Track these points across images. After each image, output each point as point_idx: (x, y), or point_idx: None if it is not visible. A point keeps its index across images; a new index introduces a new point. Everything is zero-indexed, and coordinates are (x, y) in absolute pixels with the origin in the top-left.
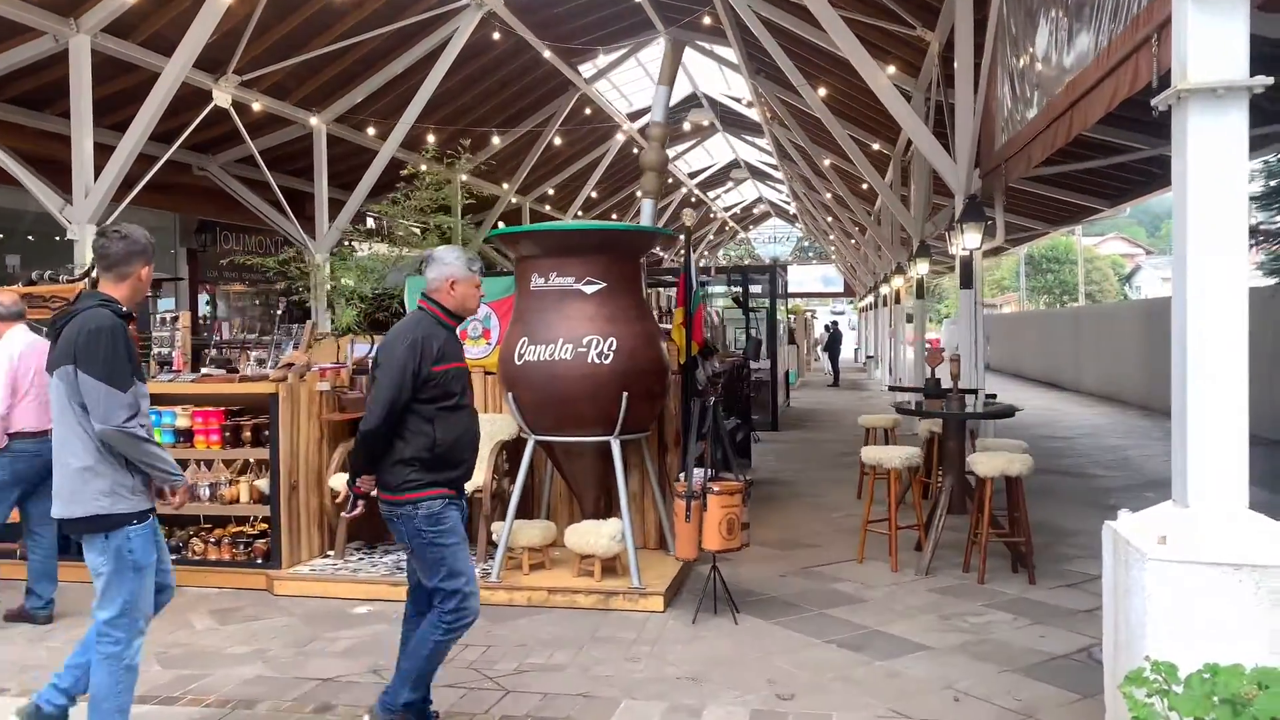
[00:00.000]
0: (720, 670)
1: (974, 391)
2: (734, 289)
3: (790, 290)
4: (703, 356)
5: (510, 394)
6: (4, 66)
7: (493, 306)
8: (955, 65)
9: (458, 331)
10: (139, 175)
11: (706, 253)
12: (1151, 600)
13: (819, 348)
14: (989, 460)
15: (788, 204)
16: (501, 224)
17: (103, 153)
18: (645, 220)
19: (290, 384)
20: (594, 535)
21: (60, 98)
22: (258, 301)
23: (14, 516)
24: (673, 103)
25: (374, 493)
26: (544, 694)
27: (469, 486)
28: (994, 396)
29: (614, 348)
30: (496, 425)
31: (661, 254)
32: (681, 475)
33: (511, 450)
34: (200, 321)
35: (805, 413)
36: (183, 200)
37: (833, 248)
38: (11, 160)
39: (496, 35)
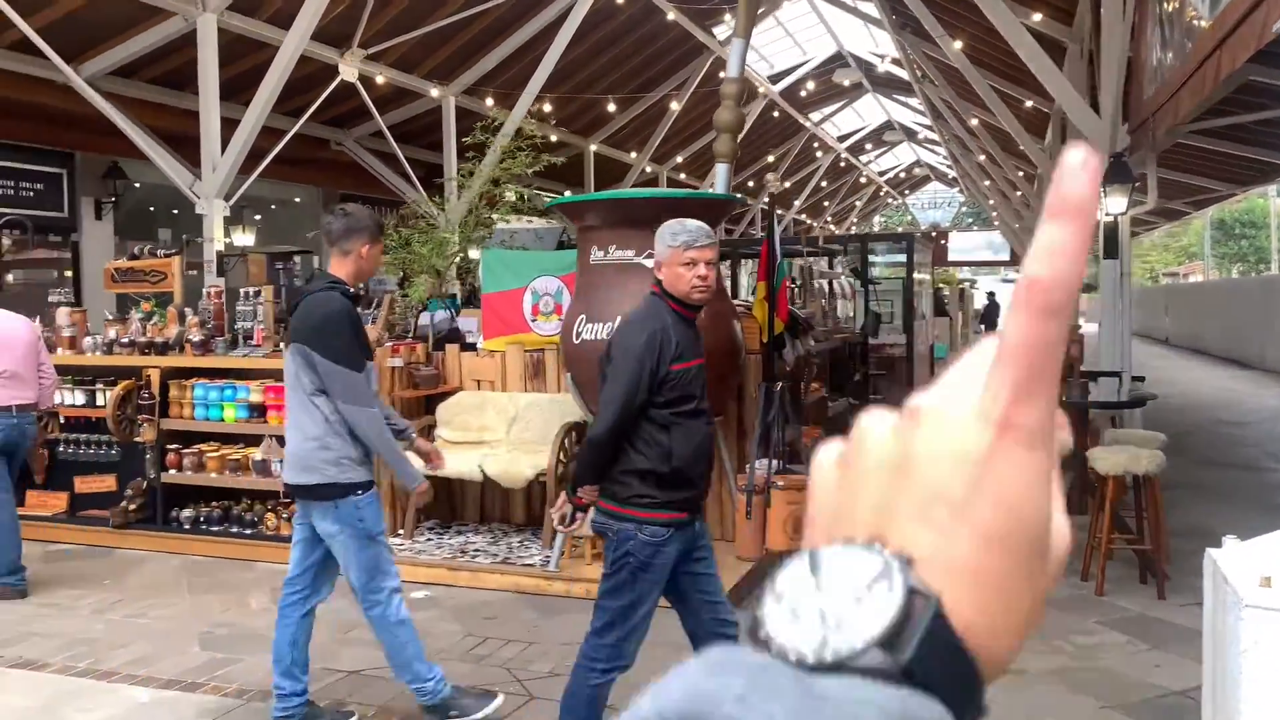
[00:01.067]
0: None
1: (1114, 375)
2: (849, 259)
3: (952, 259)
4: (791, 334)
5: (569, 374)
6: (142, 48)
7: (565, 280)
8: (1102, 10)
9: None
10: (271, 150)
11: (855, 220)
12: (1247, 658)
13: (976, 319)
14: (1111, 456)
15: (948, 167)
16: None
17: (234, 129)
18: (719, 187)
19: None
20: None
21: (197, 78)
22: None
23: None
24: (817, 62)
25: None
26: None
27: (532, 471)
28: (1141, 379)
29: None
30: (566, 406)
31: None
32: (753, 466)
33: (582, 433)
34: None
35: None
36: (323, 174)
37: (994, 213)
38: (145, 138)
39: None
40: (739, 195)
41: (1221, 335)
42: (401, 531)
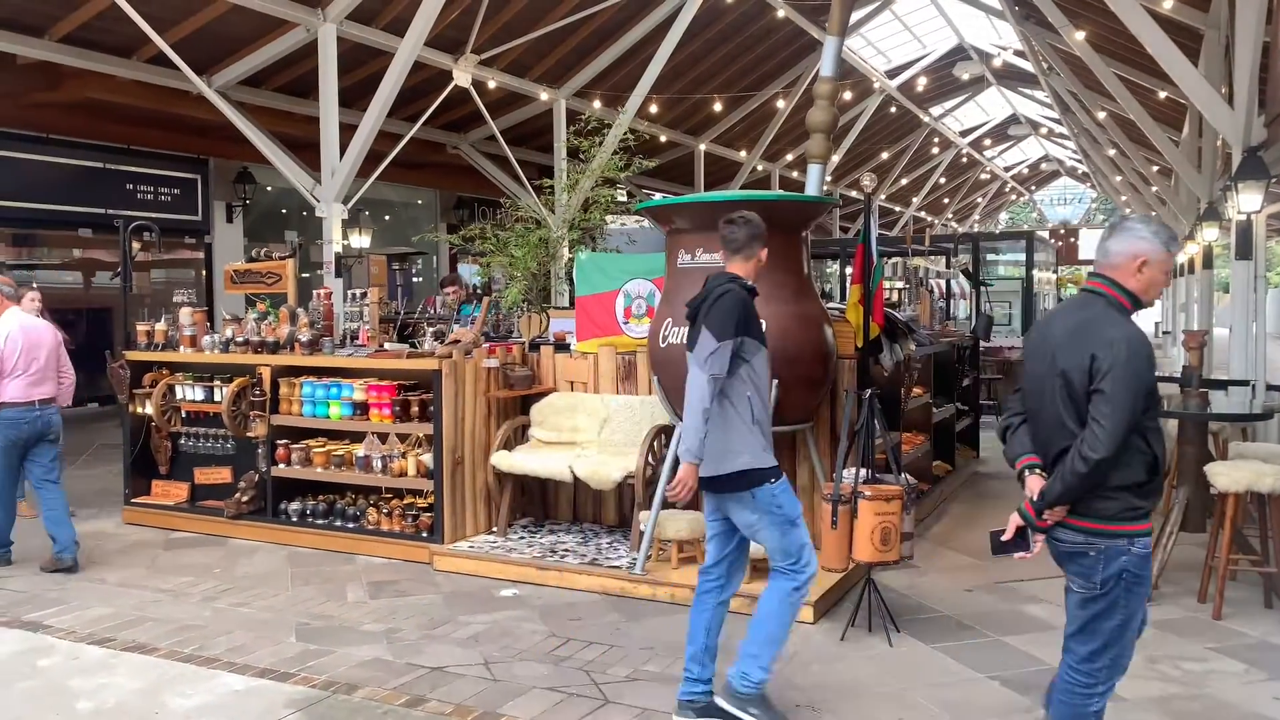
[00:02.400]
0: (847, 701)
1: (1244, 384)
2: (961, 260)
3: (1083, 258)
4: (889, 339)
5: (656, 378)
6: (268, 58)
7: (657, 283)
8: None
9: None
10: (389, 154)
11: (979, 217)
12: None
13: None
14: (1230, 472)
15: (1078, 162)
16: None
17: (353, 134)
18: (811, 188)
19: (455, 361)
20: None
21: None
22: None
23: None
24: (937, 56)
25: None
26: (641, 709)
27: (620, 473)
28: (1278, 389)
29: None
30: (656, 409)
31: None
32: (845, 475)
33: (670, 436)
34: (470, 292)
35: None
36: (440, 177)
37: (1127, 209)
38: (269, 144)
39: None
40: (833, 196)
41: None
42: (495, 529)
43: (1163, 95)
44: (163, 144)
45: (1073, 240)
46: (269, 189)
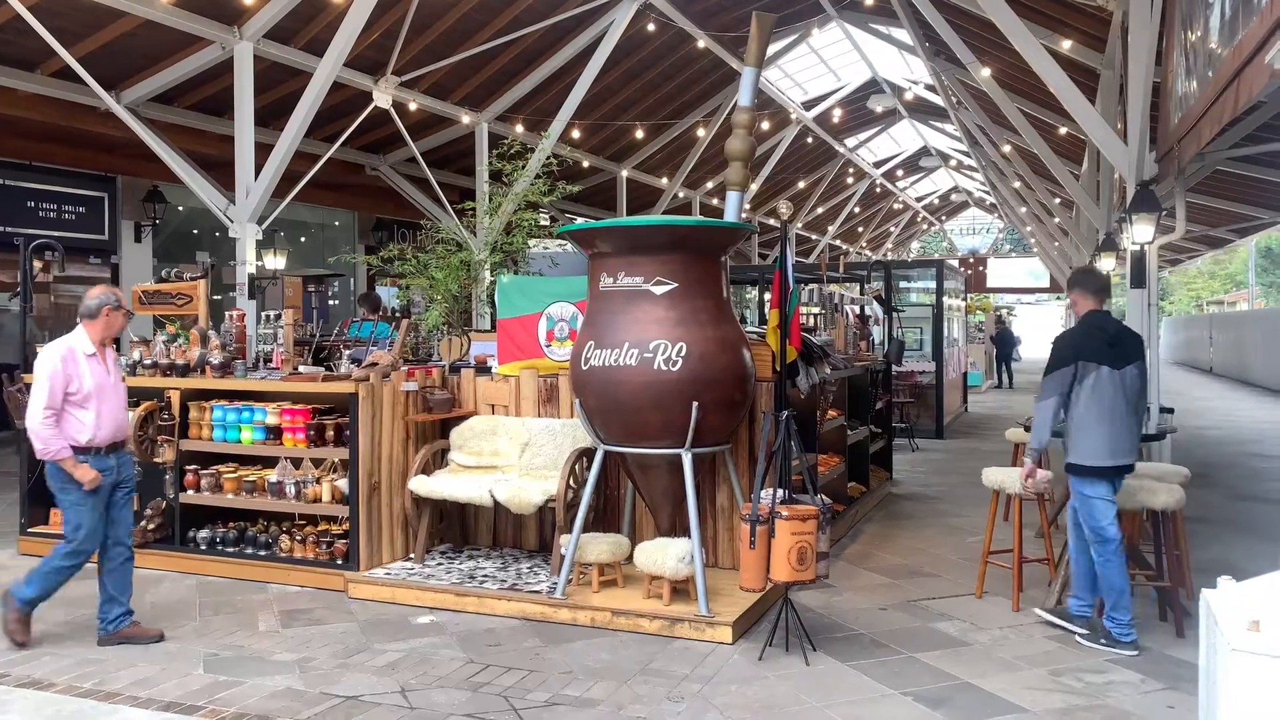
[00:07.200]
0: None
1: None
2: (873, 285)
3: (991, 285)
4: (805, 362)
5: (578, 400)
6: (181, 75)
7: (580, 306)
8: (1129, 37)
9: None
10: (307, 174)
11: (891, 246)
12: (1233, 703)
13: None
14: (1125, 490)
15: (986, 193)
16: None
17: (270, 154)
18: (729, 215)
19: (372, 384)
20: (661, 555)
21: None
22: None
23: None
24: (852, 88)
25: None
26: None
27: (541, 497)
28: (1170, 411)
29: (683, 353)
30: (578, 432)
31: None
32: (763, 496)
33: (592, 459)
34: (387, 315)
35: (981, 419)
36: (358, 198)
37: (1032, 239)
38: (181, 162)
39: (652, 27)
40: (750, 223)
41: (1265, 365)
42: (412, 555)
43: (1063, 131)
44: (68, 160)
45: (981, 269)
46: (180, 208)
